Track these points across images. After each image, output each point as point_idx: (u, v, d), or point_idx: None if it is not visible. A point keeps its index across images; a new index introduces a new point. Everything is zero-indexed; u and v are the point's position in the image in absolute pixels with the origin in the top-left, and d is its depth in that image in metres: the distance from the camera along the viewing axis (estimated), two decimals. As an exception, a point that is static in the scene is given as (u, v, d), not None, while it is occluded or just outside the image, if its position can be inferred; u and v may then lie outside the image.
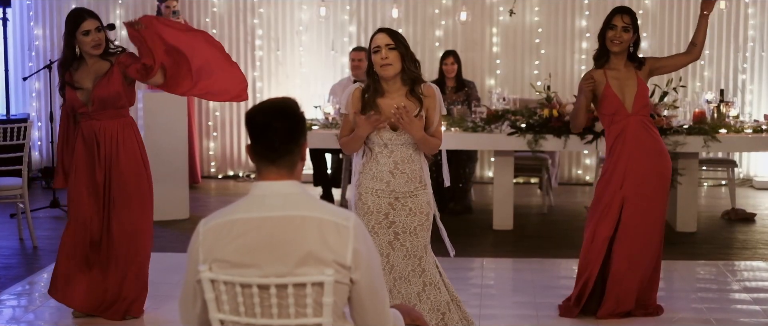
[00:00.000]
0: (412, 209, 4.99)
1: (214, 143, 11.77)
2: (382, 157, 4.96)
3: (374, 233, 4.94)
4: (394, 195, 4.97)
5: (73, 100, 5.89)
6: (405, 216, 4.99)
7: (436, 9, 11.34)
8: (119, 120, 5.96)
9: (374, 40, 4.92)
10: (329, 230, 2.98)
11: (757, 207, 9.77)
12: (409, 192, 4.98)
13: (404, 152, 4.97)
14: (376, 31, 4.98)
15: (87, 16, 5.83)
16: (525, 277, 7.12)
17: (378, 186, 4.97)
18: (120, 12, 11.61)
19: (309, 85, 11.48)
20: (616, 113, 5.96)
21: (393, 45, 4.89)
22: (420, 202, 5.02)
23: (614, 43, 5.90)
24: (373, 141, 4.96)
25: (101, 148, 5.91)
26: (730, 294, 6.73)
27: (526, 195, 10.54)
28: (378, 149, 4.97)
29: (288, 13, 11.55)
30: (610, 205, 5.96)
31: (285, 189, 3.05)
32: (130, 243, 5.98)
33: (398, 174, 4.97)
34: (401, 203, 4.98)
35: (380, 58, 4.87)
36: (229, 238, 2.99)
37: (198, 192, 10.67)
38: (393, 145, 4.95)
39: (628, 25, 5.89)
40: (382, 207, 4.98)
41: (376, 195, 4.97)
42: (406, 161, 4.98)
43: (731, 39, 11.19)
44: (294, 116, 3.06)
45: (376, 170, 4.97)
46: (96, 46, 5.83)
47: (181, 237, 8.28)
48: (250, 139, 3.07)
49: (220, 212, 3.09)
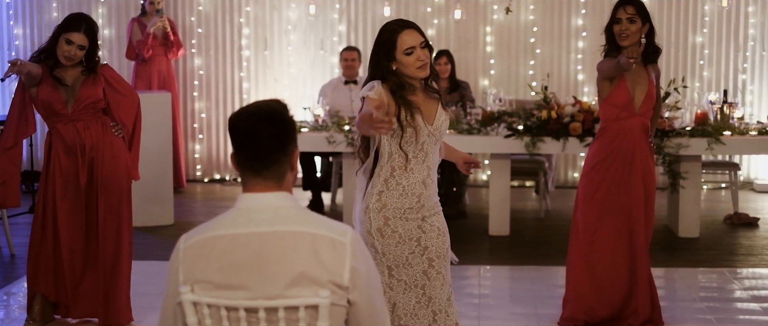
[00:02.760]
0: (440, 229, 4.35)
1: (200, 146, 11.54)
2: (417, 163, 4.28)
3: (408, 265, 4.27)
4: (422, 215, 4.29)
5: (52, 98, 5.65)
6: (436, 238, 4.33)
7: (428, 7, 11.14)
8: (100, 120, 5.79)
9: (403, 39, 4.24)
10: (324, 247, 2.72)
11: (760, 211, 9.56)
12: (433, 206, 4.34)
13: (435, 154, 4.35)
14: (404, 27, 4.29)
15: (79, 29, 5.59)
16: (524, 286, 6.91)
17: (408, 204, 4.26)
18: (102, 11, 11.35)
19: (298, 86, 11.29)
20: (624, 109, 5.78)
21: (424, 42, 4.28)
22: (442, 221, 4.40)
23: (622, 37, 5.68)
24: (408, 144, 4.25)
25: (86, 150, 5.72)
26: (737, 303, 6.56)
27: (522, 199, 10.31)
28: (413, 152, 4.25)
29: (276, 12, 11.33)
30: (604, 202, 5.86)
31: (274, 201, 2.79)
32: (115, 250, 5.81)
33: (430, 183, 4.32)
34: (429, 223, 4.32)
35: (417, 59, 4.22)
36: (212, 257, 2.73)
37: (183, 197, 10.43)
38: (429, 143, 4.28)
39: (633, 15, 5.66)
40: (413, 233, 4.29)
41: (405, 219, 4.27)
42: (436, 166, 4.38)
43: (731, 38, 11.00)
44: (281, 121, 2.78)
45: (407, 183, 4.26)
46: (68, 58, 5.62)
47: (165, 243, 8.04)
48: (233, 147, 2.79)
49: (203, 227, 2.83)
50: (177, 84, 10.89)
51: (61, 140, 5.72)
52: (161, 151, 8.89)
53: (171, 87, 10.44)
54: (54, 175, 5.75)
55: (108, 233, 5.79)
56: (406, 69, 4.26)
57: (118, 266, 5.82)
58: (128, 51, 10.43)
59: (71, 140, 5.71)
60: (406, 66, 4.25)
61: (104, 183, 5.75)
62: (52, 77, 5.65)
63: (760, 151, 8.57)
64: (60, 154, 5.74)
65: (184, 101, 11.34)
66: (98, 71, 5.71)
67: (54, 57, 5.64)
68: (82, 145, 5.71)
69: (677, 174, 8.22)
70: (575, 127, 7.98)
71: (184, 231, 2.89)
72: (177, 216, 9.13)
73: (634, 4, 5.71)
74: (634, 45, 5.66)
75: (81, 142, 5.71)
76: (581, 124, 7.98)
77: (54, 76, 5.66)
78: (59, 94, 5.66)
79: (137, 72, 10.42)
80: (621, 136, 5.78)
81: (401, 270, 4.29)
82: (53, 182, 5.75)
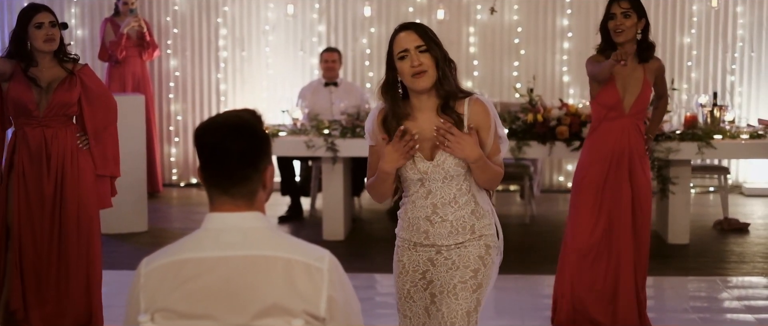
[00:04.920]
0: (455, 262, 3.79)
1: (176, 149, 11.29)
2: (418, 198, 3.80)
3: (409, 298, 3.88)
4: (436, 248, 3.82)
5: (25, 98, 5.43)
6: (444, 272, 3.80)
7: (410, 7, 10.94)
8: (71, 128, 5.58)
9: (397, 41, 3.71)
10: (299, 273, 2.50)
11: (750, 216, 9.39)
12: (454, 245, 3.81)
13: (446, 191, 3.77)
14: (399, 29, 3.75)
15: (42, 9, 5.44)
16: (510, 297, 6.71)
17: (416, 239, 3.84)
18: (75, 10, 11.09)
19: (276, 88, 11.07)
20: (613, 109, 5.68)
21: (424, 46, 3.67)
22: (468, 254, 3.79)
23: (617, 32, 5.55)
24: (405, 176, 3.80)
25: (52, 159, 5.49)
26: (730, 313, 6.44)
27: (506, 204, 10.11)
28: (412, 187, 3.81)
29: (254, 12, 11.10)
30: None
31: (245, 222, 2.57)
32: (86, 263, 5.59)
33: (438, 221, 3.78)
34: (443, 256, 3.81)
35: (410, 66, 3.65)
36: (176, 283, 2.52)
37: (158, 202, 10.16)
38: (430, 181, 3.77)
39: (628, 9, 5.55)
40: (420, 265, 3.85)
41: (414, 250, 3.86)
42: (449, 204, 3.77)
43: (719, 39, 10.82)
44: (252, 135, 2.54)
45: (412, 216, 3.83)
46: (49, 40, 5.42)
47: (139, 252, 7.75)
48: (199, 161, 2.54)
49: (166, 250, 2.60)
50: (152, 86, 10.65)
51: (25, 145, 5.50)
52: (135, 155, 8.64)
53: (146, 89, 10.20)
54: (16, 183, 5.53)
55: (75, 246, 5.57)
56: (403, 78, 3.73)
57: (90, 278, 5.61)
58: (101, 52, 10.16)
59: (37, 146, 5.49)
60: (401, 74, 3.72)
61: (71, 195, 5.52)
62: (26, 76, 5.44)
63: (752, 155, 8.41)
64: (24, 160, 5.51)
65: (160, 103, 11.10)
66: (76, 73, 5.50)
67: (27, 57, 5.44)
68: (48, 154, 5.49)
69: (667, 179, 8.04)
70: (562, 130, 7.83)
71: (159, 238, 2.66)
72: (151, 222, 8.86)
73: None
74: (629, 42, 5.55)
75: (47, 151, 5.49)
76: (568, 127, 7.84)
77: (28, 75, 5.44)
78: (31, 93, 5.45)
79: (111, 74, 10.15)
80: (610, 137, 5.69)
81: (404, 304, 3.90)
82: (16, 189, 5.53)
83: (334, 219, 8.39)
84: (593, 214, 5.74)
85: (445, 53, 3.73)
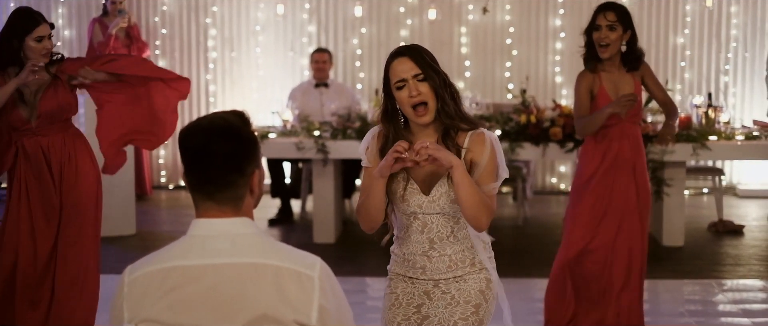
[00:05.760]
0: (454, 297, 3.56)
1: (165, 150, 11.21)
2: (413, 232, 3.56)
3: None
4: (433, 282, 3.59)
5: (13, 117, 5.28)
6: (443, 308, 3.57)
7: (401, 7, 10.86)
8: (68, 131, 5.44)
9: (393, 70, 3.47)
10: (289, 281, 2.41)
11: (744, 218, 9.32)
12: (453, 278, 3.59)
13: (442, 225, 3.54)
14: (394, 56, 3.50)
15: (42, 21, 5.27)
16: (505, 301, 6.55)
17: (412, 274, 3.61)
18: (62, 11, 11.00)
19: (266, 89, 11.00)
20: (609, 116, 5.57)
21: (422, 74, 3.44)
22: (468, 288, 3.56)
23: (601, 45, 5.48)
24: (399, 209, 3.57)
25: (53, 167, 5.34)
26: (726, 317, 6.37)
27: (499, 206, 9.96)
28: (406, 221, 3.57)
29: (243, 12, 11.02)
30: None
31: (232, 228, 2.48)
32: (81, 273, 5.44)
33: (435, 256, 3.56)
34: (441, 290, 3.58)
35: (409, 96, 3.44)
36: (161, 292, 2.43)
37: (147, 205, 10.08)
38: (425, 214, 3.53)
39: (614, 22, 5.44)
40: (415, 297, 3.61)
41: (410, 283, 3.63)
42: (447, 239, 3.55)
43: (713, 39, 10.77)
44: (237, 138, 2.44)
45: (407, 251, 3.59)
46: (46, 54, 5.27)
47: (127, 256, 7.69)
48: (183, 166, 2.43)
49: (151, 258, 2.51)
50: (140, 87, 10.53)
51: (25, 157, 5.35)
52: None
53: (134, 90, 10.07)
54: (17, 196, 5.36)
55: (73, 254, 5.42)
56: (403, 108, 3.50)
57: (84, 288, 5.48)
58: (89, 53, 10.03)
59: (35, 155, 5.34)
60: (400, 104, 3.49)
61: (68, 202, 5.38)
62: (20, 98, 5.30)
63: (747, 156, 8.36)
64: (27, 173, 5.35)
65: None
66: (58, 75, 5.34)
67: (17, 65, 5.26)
68: (48, 163, 5.34)
69: (661, 181, 7.98)
70: (555, 131, 7.78)
71: (147, 241, 2.57)
72: (139, 225, 8.77)
73: (616, 11, 5.50)
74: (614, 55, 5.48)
75: (47, 161, 5.34)
76: (561, 128, 7.79)
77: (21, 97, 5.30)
78: (18, 111, 5.29)
79: (99, 74, 10.03)
80: (613, 143, 5.63)
81: None
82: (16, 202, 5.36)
83: (324, 222, 8.31)
84: (596, 218, 5.69)
85: (443, 77, 3.49)
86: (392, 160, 3.38)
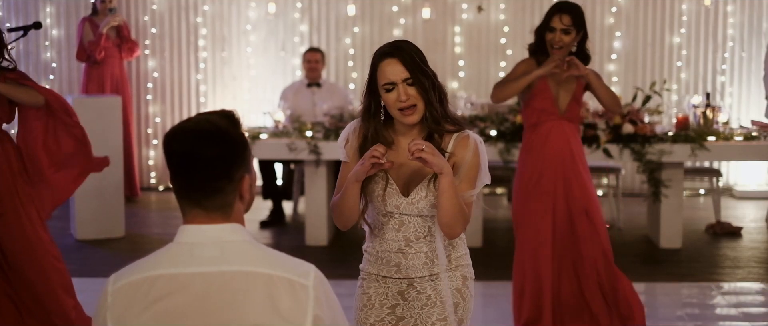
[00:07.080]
0: (430, 297, 3.46)
1: (155, 152, 11.08)
2: (389, 230, 3.47)
3: None
4: (408, 281, 3.49)
5: None
6: (419, 309, 3.48)
7: (394, 6, 10.77)
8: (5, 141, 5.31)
9: (381, 71, 3.35)
10: (282, 291, 2.30)
11: (742, 220, 9.24)
12: (428, 276, 3.48)
13: (420, 226, 3.45)
14: (382, 55, 3.37)
15: None
16: (501, 305, 6.51)
17: (386, 272, 3.50)
18: (50, 9, 10.87)
19: (258, 89, 10.90)
20: (545, 111, 5.55)
21: (411, 79, 3.32)
22: (444, 288, 3.45)
23: (554, 48, 5.38)
24: (376, 208, 3.48)
25: None
26: (725, 320, 6.31)
27: (493, 207, 9.93)
28: (382, 219, 3.48)
29: (234, 11, 10.91)
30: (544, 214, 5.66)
31: (222, 235, 2.37)
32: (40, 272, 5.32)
33: (411, 254, 3.46)
34: (416, 290, 3.48)
35: (397, 100, 3.33)
36: (146, 302, 2.32)
37: (136, 207, 9.96)
38: (402, 215, 3.44)
39: (569, 26, 5.34)
40: (389, 298, 3.51)
41: (383, 283, 3.53)
42: (423, 238, 3.45)
43: (710, 38, 10.68)
44: (225, 141, 2.32)
45: (381, 250, 3.50)
46: None
47: (116, 258, 7.60)
48: (169, 171, 2.30)
49: (136, 266, 2.39)
50: (130, 87, 10.42)
51: None
52: (112, 158, 8.28)
53: (123, 90, 9.99)
54: None
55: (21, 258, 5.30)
56: (389, 109, 3.39)
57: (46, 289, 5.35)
58: (79, 52, 9.91)
59: None
60: (386, 104, 3.38)
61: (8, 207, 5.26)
62: None
63: (746, 157, 8.25)
64: None
65: (138, 105, 10.89)
66: None
67: None
68: None
69: (659, 182, 7.86)
70: (551, 132, 7.63)
71: (137, 244, 2.44)
72: (129, 228, 8.67)
73: (571, 13, 5.38)
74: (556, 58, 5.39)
75: None
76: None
77: None
78: None
79: (89, 74, 9.91)
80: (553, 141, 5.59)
81: None
82: None
83: (317, 224, 8.20)
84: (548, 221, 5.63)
85: (432, 80, 3.37)
86: (368, 166, 3.27)
